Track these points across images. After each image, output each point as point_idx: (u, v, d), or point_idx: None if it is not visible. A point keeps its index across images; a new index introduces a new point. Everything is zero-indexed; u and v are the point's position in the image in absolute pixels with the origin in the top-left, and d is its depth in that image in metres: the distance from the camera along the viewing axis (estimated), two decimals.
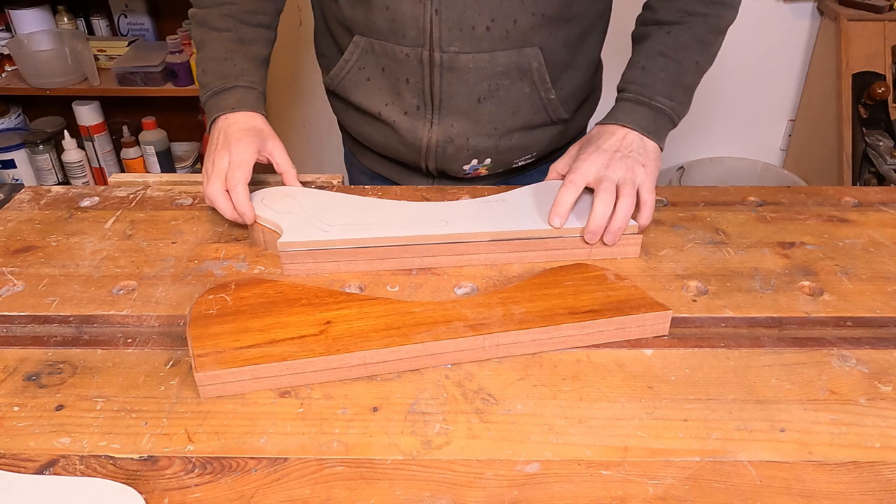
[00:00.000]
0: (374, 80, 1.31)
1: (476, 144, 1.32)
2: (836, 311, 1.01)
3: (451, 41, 1.20)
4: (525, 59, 1.24)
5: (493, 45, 1.22)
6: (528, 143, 1.37)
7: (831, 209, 1.26)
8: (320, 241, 1.07)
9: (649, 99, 1.21)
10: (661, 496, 0.74)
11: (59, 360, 0.91)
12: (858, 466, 0.78)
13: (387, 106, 1.32)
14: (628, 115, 1.20)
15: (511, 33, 1.21)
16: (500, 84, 1.26)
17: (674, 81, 1.23)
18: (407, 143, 1.34)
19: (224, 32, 1.28)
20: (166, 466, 0.77)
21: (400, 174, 1.47)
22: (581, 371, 0.91)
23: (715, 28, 1.25)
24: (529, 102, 1.31)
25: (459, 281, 1.07)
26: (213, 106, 1.24)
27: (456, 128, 1.30)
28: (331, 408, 0.85)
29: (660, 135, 1.20)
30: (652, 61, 1.24)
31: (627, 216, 1.10)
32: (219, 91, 1.24)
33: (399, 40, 1.23)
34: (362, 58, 1.30)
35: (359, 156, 1.55)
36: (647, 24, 1.29)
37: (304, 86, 3.36)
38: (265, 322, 0.92)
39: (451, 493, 0.74)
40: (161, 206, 1.25)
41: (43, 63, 2.84)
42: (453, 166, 1.36)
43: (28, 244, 1.14)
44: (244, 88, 1.25)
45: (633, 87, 1.23)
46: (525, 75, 1.27)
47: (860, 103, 2.80)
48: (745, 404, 0.85)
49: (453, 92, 1.26)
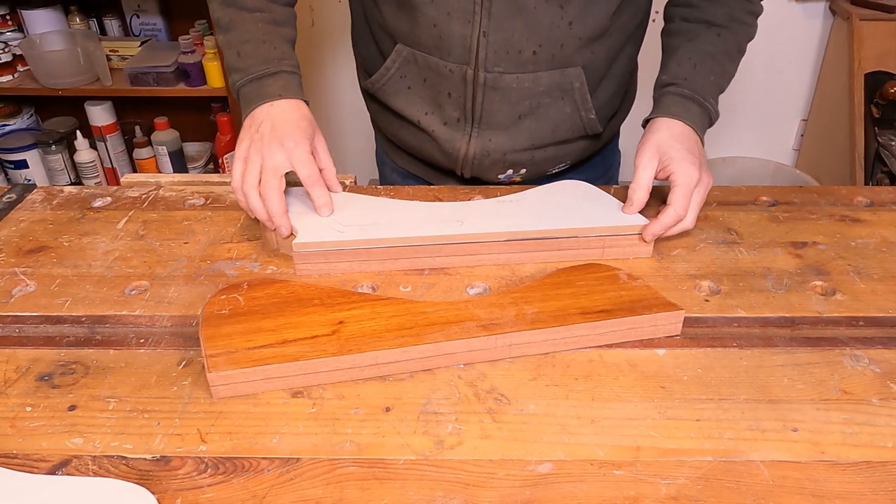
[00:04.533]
0: (414, 89, 1.30)
1: (513, 158, 1.32)
2: (849, 311, 1.01)
3: (497, 62, 1.19)
4: (567, 79, 1.23)
5: (538, 67, 1.21)
6: (562, 154, 1.37)
7: (844, 209, 1.25)
8: (336, 241, 1.07)
9: (702, 98, 1.20)
10: (674, 496, 0.74)
11: (72, 361, 0.92)
12: (871, 466, 0.78)
13: (426, 115, 1.31)
14: (685, 112, 1.18)
15: (557, 57, 1.20)
16: (541, 102, 1.26)
17: (716, 85, 1.22)
18: (444, 152, 1.34)
19: (256, 13, 1.21)
20: (179, 466, 0.77)
21: (434, 176, 1.47)
22: (593, 371, 0.90)
23: (748, 39, 1.26)
24: (569, 121, 1.30)
25: (472, 281, 1.07)
26: (254, 93, 1.17)
27: (494, 142, 1.30)
28: (343, 408, 0.85)
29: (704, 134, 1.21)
30: (702, 60, 1.22)
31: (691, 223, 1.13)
32: (260, 76, 1.17)
33: (444, 56, 1.22)
34: (404, 66, 1.29)
35: (392, 155, 1.54)
36: (690, 21, 1.26)
37: (317, 86, 3.37)
38: (277, 322, 0.92)
39: (464, 493, 0.74)
40: (173, 207, 1.26)
41: (55, 63, 2.85)
42: (488, 175, 1.36)
43: (40, 244, 1.14)
44: (288, 74, 1.19)
45: (687, 84, 1.21)
46: (567, 94, 1.26)
47: (872, 103, 2.80)
48: (757, 404, 0.85)
49: (494, 109, 1.25)
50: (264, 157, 1.10)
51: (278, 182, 1.09)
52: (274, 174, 1.09)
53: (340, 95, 3.41)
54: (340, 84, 3.38)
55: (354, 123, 3.47)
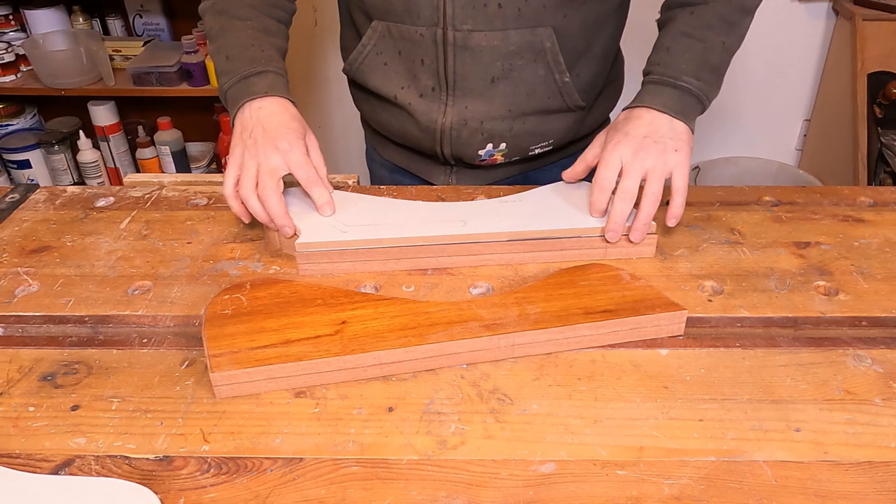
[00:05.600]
0: (390, 65, 1.32)
1: (490, 128, 1.32)
2: (852, 311, 1.01)
3: (465, 19, 1.20)
4: (538, 38, 1.24)
5: (506, 24, 1.21)
6: (543, 129, 1.36)
7: (846, 209, 1.25)
8: (339, 241, 1.07)
9: (674, 79, 1.17)
10: (677, 496, 0.74)
11: (75, 361, 0.92)
12: (874, 466, 0.78)
13: (402, 89, 1.33)
14: (654, 98, 1.16)
15: (523, 11, 1.20)
16: (513, 64, 1.26)
17: (700, 61, 1.18)
18: (422, 127, 1.34)
19: (247, 21, 1.24)
20: (182, 466, 0.78)
21: (419, 165, 1.48)
22: (596, 371, 0.90)
23: (740, 7, 1.21)
24: (544, 85, 1.30)
25: (475, 281, 1.07)
26: (241, 90, 1.17)
27: (470, 109, 1.30)
28: (346, 408, 0.85)
29: (688, 115, 1.16)
30: (676, 42, 1.20)
31: (653, 210, 1.08)
32: (248, 75, 1.18)
33: (414, 20, 1.23)
34: (380, 42, 1.30)
35: (378, 148, 1.57)
36: (671, 8, 1.26)
37: (319, 87, 3.37)
38: (280, 322, 0.92)
39: (467, 494, 0.74)
40: (176, 207, 1.26)
41: (58, 63, 2.85)
42: (468, 151, 1.36)
43: (43, 244, 1.15)
44: (274, 74, 1.19)
45: (658, 69, 1.19)
46: (539, 56, 1.26)
47: (875, 103, 2.79)
48: (760, 404, 0.85)
49: (467, 72, 1.26)
50: (260, 161, 1.10)
51: (276, 184, 1.09)
52: (272, 177, 1.09)
53: (344, 96, 3.38)
54: (342, 84, 3.37)
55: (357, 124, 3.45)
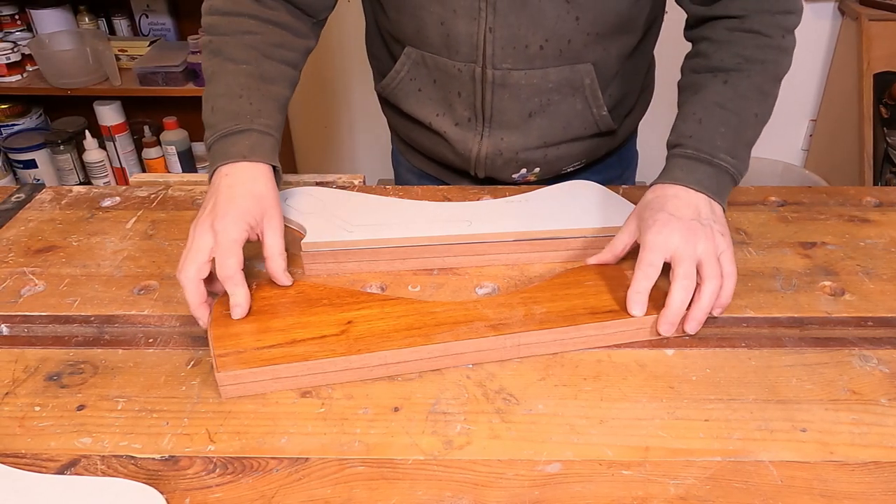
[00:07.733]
0: (425, 91, 1.30)
1: (525, 157, 1.31)
2: (858, 311, 1.01)
3: (504, 59, 1.18)
4: (577, 75, 1.22)
5: (546, 63, 1.19)
6: (576, 152, 1.35)
7: (852, 209, 1.25)
8: (345, 241, 1.07)
9: (710, 156, 1.05)
10: (683, 496, 0.74)
11: (81, 360, 0.92)
12: (880, 466, 0.78)
13: (438, 116, 1.31)
14: (690, 175, 1.04)
15: (564, 52, 1.18)
16: (551, 99, 1.24)
17: (735, 136, 1.08)
18: (457, 153, 1.34)
19: (242, 66, 1.12)
20: (187, 466, 0.78)
21: (449, 176, 1.46)
22: (602, 371, 0.90)
23: (774, 76, 1.13)
24: (581, 118, 1.28)
25: (480, 281, 1.07)
26: (219, 151, 1.05)
27: (506, 141, 1.29)
28: (352, 408, 0.85)
29: (723, 196, 1.05)
30: (709, 113, 1.08)
31: (713, 300, 0.95)
32: (227, 133, 1.06)
33: (452, 55, 1.21)
34: (413, 69, 1.28)
35: (407, 155, 1.54)
36: (698, 72, 1.14)
37: (328, 86, 3.37)
38: (286, 322, 0.92)
39: (473, 493, 0.74)
40: (182, 206, 1.26)
41: (64, 63, 2.85)
42: (502, 175, 1.35)
43: (49, 244, 1.15)
44: (258, 133, 1.06)
45: (691, 143, 1.06)
46: (577, 91, 1.24)
47: (881, 103, 2.79)
48: (766, 404, 0.85)
49: (504, 107, 1.24)
50: (195, 238, 0.96)
51: (196, 269, 0.93)
52: (193, 260, 0.94)
53: (351, 95, 3.41)
54: (351, 84, 3.38)
55: (365, 123, 3.47)
